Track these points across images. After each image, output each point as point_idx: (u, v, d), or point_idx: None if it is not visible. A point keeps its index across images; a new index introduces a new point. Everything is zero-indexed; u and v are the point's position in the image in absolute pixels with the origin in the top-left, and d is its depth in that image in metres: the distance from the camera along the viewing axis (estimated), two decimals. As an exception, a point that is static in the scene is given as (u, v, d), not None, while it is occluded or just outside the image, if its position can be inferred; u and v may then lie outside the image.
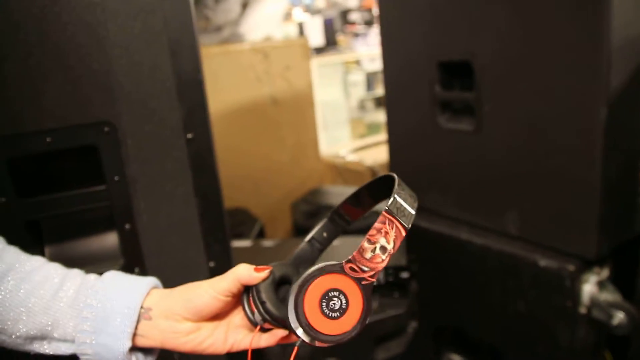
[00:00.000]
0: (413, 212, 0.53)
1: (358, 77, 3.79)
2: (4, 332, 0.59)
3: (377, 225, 0.51)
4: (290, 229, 2.02)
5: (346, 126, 3.77)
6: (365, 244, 0.50)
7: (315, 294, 0.48)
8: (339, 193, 2.00)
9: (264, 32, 2.53)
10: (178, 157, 0.89)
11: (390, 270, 1.33)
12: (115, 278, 0.61)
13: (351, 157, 2.21)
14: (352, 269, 0.49)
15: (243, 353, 0.60)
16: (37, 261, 0.63)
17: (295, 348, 0.54)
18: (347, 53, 3.75)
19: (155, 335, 0.58)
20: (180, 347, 0.58)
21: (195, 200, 0.92)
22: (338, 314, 0.49)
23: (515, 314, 1.30)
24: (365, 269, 0.49)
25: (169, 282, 0.62)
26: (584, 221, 1.16)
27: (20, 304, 0.59)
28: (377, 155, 1.99)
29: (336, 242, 1.42)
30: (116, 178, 0.86)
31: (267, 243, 1.54)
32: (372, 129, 3.64)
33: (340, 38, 3.88)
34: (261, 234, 1.84)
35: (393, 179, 0.55)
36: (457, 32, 1.36)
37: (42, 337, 0.60)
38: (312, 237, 0.59)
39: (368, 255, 0.50)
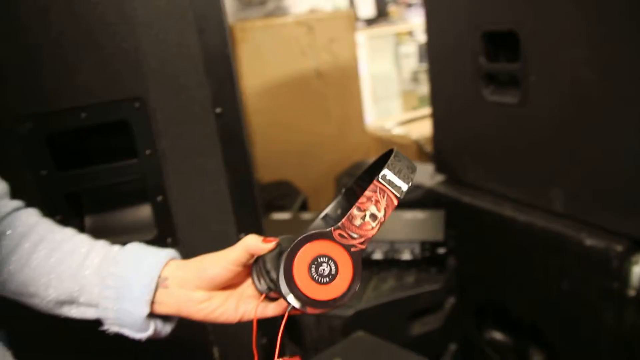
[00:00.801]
0: (406, 184, 0.51)
1: (410, 49, 3.70)
2: (37, 296, 0.64)
3: (367, 193, 0.50)
4: (333, 202, 2.02)
5: (397, 99, 3.70)
6: (355, 211, 0.50)
7: (305, 260, 0.49)
8: (383, 167, 1.98)
9: (310, 4, 2.51)
10: (207, 132, 0.90)
11: (427, 245, 1.32)
12: (136, 249, 0.65)
13: (397, 130, 2.18)
14: (341, 235, 0.49)
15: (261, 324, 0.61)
16: (68, 232, 0.67)
17: (286, 314, 0.56)
18: (399, 24, 3.66)
19: (171, 303, 0.61)
20: (194, 314, 0.61)
21: (225, 173, 0.93)
22: (328, 280, 0.49)
23: (559, 293, 1.26)
24: (355, 235, 0.49)
25: (200, 252, 0.64)
26: (636, 199, 1.10)
27: (51, 270, 0.63)
28: (424, 128, 1.95)
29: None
30: (147, 152, 0.89)
31: (306, 216, 1.55)
32: (424, 101, 3.56)
33: (392, 9, 3.79)
34: (304, 207, 1.85)
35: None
36: (502, 1, 1.30)
37: (70, 302, 0.64)
38: (326, 214, 0.59)
39: (357, 222, 0.50)
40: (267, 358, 0.87)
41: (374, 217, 0.50)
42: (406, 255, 1.33)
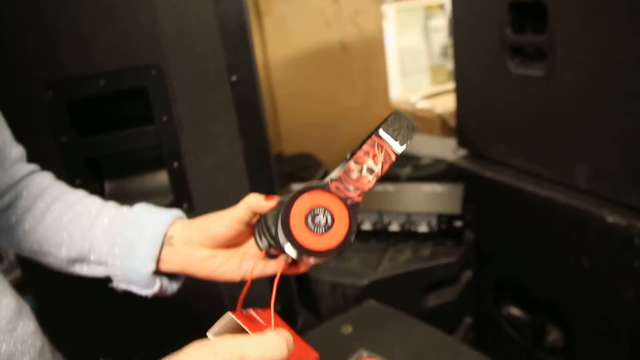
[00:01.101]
0: (404, 140, 0.52)
1: (440, 22, 3.62)
2: (51, 254, 0.67)
3: (365, 147, 0.51)
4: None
5: (426, 74, 3.65)
6: (352, 165, 0.51)
7: (301, 211, 0.49)
8: (406, 141, 1.97)
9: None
10: (223, 100, 0.91)
11: (444, 218, 1.31)
12: (144, 209, 0.67)
13: (421, 104, 2.15)
14: (337, 188, 0.50)
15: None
16: (79, 194, 0.70)
17: (281, 265, 0.58)
18: (429, -4, 3.58)
19: (176, 261, 0.64)
20: (198, 272, 0.63)
21: (240, 141, 0.94)
22: (324, 230, 0.49)
23: (579, 270, 1.25)
24: (351, 188, 0.50)
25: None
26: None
27: (63, 229, 0.66)
28: (449, 103, 1.93)
29: (391, 188, 1.41)
30: (164, 118, 0.90)
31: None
32: (453, 77, 3.49)
33: (423, -20, 3.71)
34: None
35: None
36: (530, -31, 1.26)
37: (81, 260, 0.66)
38: (331, 178, 0.60)
39: (354, 175, 0.51)
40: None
41: (370, 170, 0.51)
42: (423, 228, 1.33)
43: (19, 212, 0.67)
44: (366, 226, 1.37)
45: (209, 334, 0.50)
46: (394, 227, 1.36)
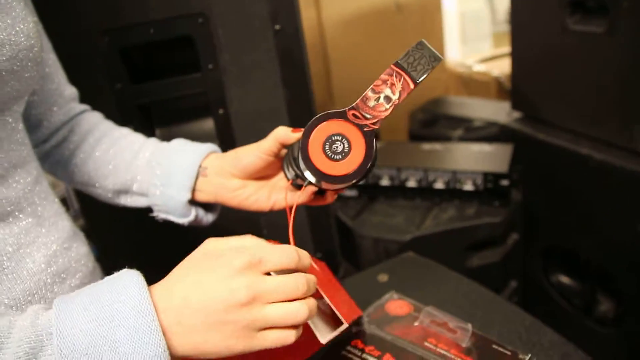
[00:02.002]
0: (425, 69, 0.51)
1: (505, -15, 3.47)
2: (99, 186, 0.73)
3: (383, 76, 0.51)
4: (406, 138, 2.01)
5: (488, 40, 3.52)
6: (369, 93, 0.51)
7: (319, 138, 0.51)
8: (460, 103, 1.93)
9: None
10: (266, 48, 0.93)
11: (490, 176, 1.29)
12: (181, 143, 0.71)
13: (478, 67, 2.10)
14: (355, 115, 0.51)
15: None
16: (124, 131, 0.75)
17: (303, 188, 0.60)
18: (494, -43, 3.43)
19: (209, 190, 0.68)
20: (229, 201, 0.67)
21: (283, 89, 0.96)
22: (341, 157, 0.51)
23: (634, 237, 1.20)
24: (368, 116, 0.51)
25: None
26: None
27: (109, 162, 0.71)
28: (507, 66, 1.86)
29: (438, 147, 1.40)
30: (210, 66, 0.93)
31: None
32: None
33: (489, -59, 3.55)
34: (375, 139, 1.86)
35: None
36: None
37: (125, 191, 0.72)
38: (350, 106, 0.60)
39: (371, 103, 0.51)
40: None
41: (388, 99, 0.51)
42: (468, 186, 1.32)
43: (72, 147, 0.73)
44: (411, 183, 1.37)
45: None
46: (439, 185, 1.35)
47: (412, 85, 0.51)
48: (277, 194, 0.66)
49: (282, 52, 0.94)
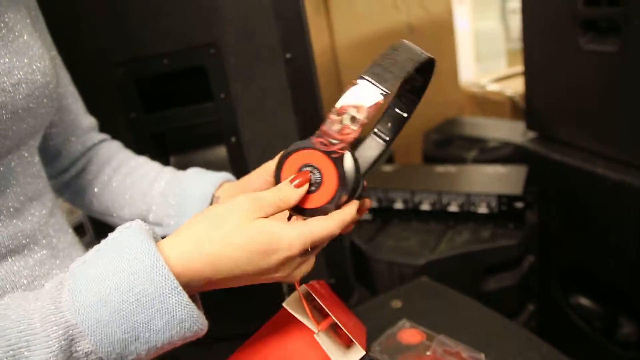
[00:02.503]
0: (399, 77, 0.46)
1: (519, 4, 3.47)
2: (115, 215, 0.73)
3: (346, 93, 0.47)
4: (420, 159, 2.01)
5: (503, 57, 3.52)
6: (332, 116, 0.47)
7: (291, 172, 0.48)
8: (474, 123, 1.93)
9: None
10: (277, 77, 0.94)
11: (504, 199, 1.28)
12: (196, 172, 0.72)
13: (492, 87, 2.09)
14: (322, 143, 0.47)
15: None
16: (141, 160, 0.77)
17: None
18: (507, -24, 3.44)
19: None
20: None
21: (295, 117, 0.97)
22: (315, 188, 0.48)
23: (653, 257, 1.18)
24: (335, 141, 0.46)
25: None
26: None
27: (126, 191, 0.72)
28: (521, 85, 1.86)
29: (452, 169, 1.39)
30: (222, 95, 0.95)
31: (387, 168, 1.56)
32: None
33: (502, -40, 3.57)
34: (390, 161, 1.86)
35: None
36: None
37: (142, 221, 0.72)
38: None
39: (336, 127, 0.46)
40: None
41: (353, 119, 0.46)
42: (482, 209, 1.31)
43: (89, 177, 0.74)
44: (425, 206, 1.37)
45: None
46: (453, 208, 1.34)
47: (381, 99, 0.46)
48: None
49: (293, 80, 0.95)
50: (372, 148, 0.61)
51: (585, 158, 1.35)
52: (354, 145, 0.50)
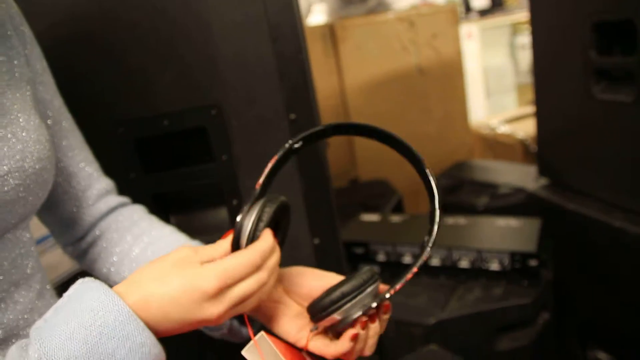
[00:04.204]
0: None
1: (527, 39, 3.46)
2: None
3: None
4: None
5: (513, 93, 3.50)
6: None
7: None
8: (484, 167, 1.89)
9: (418, -2, 2.44)
10: (281, 138, 0.92)
11: (518, 256, 1.23)
12: None
13: (503, 129, 2.06)
14: None
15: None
16: (166, 230, 0.72)
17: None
18: (516, 13, 3.44)
19: None
20: (258, 313, 0.60)
21: (299, 179, 0.94)
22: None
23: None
24: None
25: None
26: None
27: (147, 262, 0.67)
28: (533, 126, 1.83)
29: (462, 221, 1.36)
30: (224, 157, 0.92)
31: (395, 218, 1.52)
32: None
33: (510, -3, 3.58)
34: (398, 208, 1.82)
35: None
36: (615, -13, 1.18)
37: None
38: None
39: None
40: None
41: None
42: (494, 266, 1.26)
43: (108, 244, 0.70)
44: (435, 261, 1.32)
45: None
46: (464, 264, 1.29)
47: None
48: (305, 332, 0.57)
49: (296, 141, 0.92)
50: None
51: (601, 209, 1.31)
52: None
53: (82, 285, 0.46)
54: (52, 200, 0.68)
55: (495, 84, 3.43)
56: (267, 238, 0.52)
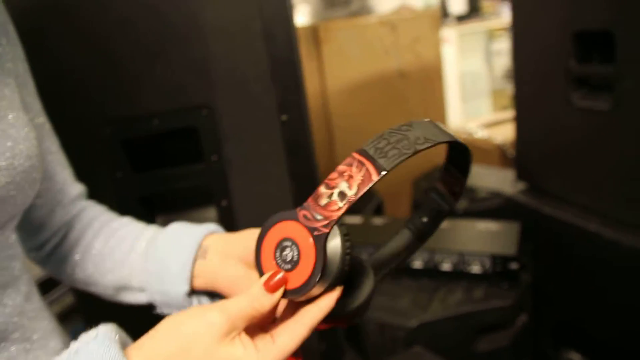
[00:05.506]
0: (399, 156, 0.41)
1: (503, 46, 3.53)
2: (99, 283, 0.67)
3: (340, 167, 0.42)
4: (410, 206, 1.99)
5: (488, 98, 3.56)
6: (322, 189, 0.42)
7: (271, 245, 0.43)
8: (463, 172, 1.91)
9: (399, 2, 2.46)
10: (272, 139, 0.92)
11: (498, 259, 1.26)
12: (176, 228, 0.65)
13: (480, 134, 2.10)
14: (305, 217, 0.42)
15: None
16: (124, 220, 0.70)
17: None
18: (492, 19, 3.50)
19: (207, 275, 0.60)
20: (226, 290, 0.59)
21: (289, 181, 0.94)
22: (290, 267, 0.43)
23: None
24: (319, 217, 0.41)
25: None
26: None
27: (108, 257, 0.66)
28: (510, 132, 1.86)
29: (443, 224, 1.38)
30: (214, 158, 0.92)
31: (377, 221, 1.53)
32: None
33: (487, 3, 3.64)
34: (379, 211, 1.83)
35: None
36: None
37: (125, 288, 0.66)
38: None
39: (323, 201, 0.41)
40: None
41: (342, 195, 0.41)
42: (476, 269, 1.28)
43: (70, 244, 0.68)
44: (417, 264, 1.34)
45: None
46: (446, 267, 1.31)
47: (375, 177, 0.40)
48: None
49: (288, 143, 0.93)
50: (398, 242, 0.56)
51: (577, 213, 1.34)
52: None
53: (95, 346, 0.41)
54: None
55: (471, 89, 3.48)
56: (328, 303, 0.44)
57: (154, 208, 0.99)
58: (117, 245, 0.67)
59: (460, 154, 0.48)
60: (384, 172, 0.40)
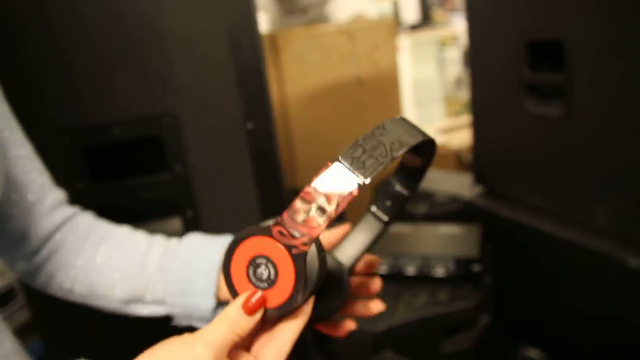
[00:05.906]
0: (379, 164, 0.39)
1: (454, 54, 3.64)
2: (104, 297, 0.65)
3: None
4: (370, 212, 2.01)
5: (440, 104, 3.65)
6: (298, 204, 0.39)
7: (242, 261, 0.41)
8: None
9: (354, 11, 2.50)
10: (238, 148, 0.91)
11: (462, 262, 1.28)
12: (195, 240, 0.65)
13: (437, 140, 2.14)
14: (281, 233, 0.39)
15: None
16: (125, 230, 0.69)
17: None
18: (443, 29, 3.60)
19: None
20: None
21: (255, 189, 0.94)
22: (266, 285, 0.40)
23: (601, 315, 1.21)
24: (297, 234, 0.38)
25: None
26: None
27: (115, 270, 0.64)
28: (464, 137, 1.91)
29: (406, 229, 1.39)
30: (178, 167, 0.90)
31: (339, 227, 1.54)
32: (467, 107, 3.49)
33: (438, 13, 3.73)
34: (340, 219, 1.84)
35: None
36: (547, 8, 1.26)
37: (137, 300, 0.65)
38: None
39: (300, 217, 0.38)
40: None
41: (321, 210, 0.38)
42: (440, 272, 1.31)
43: (65, 256, 0.66)
44: (382, 269, 1.35)
45: None
46: (411, 271, 1.33)
47: (355, 192, 0.38)
48: None
49: (254, 152, 0.92)
50: (366, 231, 0.56)
51: (533, 215, 1.39)
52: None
53: None
54: (2, 215, 0.63)
55: (424, 96, 3.56)
56: (306, 313, 0.43)
57: (117, 219, 0.96)
58: (125, 258, 0.65)
59: (425, 143, 0.47)
60: (364, 183, 0.38)
